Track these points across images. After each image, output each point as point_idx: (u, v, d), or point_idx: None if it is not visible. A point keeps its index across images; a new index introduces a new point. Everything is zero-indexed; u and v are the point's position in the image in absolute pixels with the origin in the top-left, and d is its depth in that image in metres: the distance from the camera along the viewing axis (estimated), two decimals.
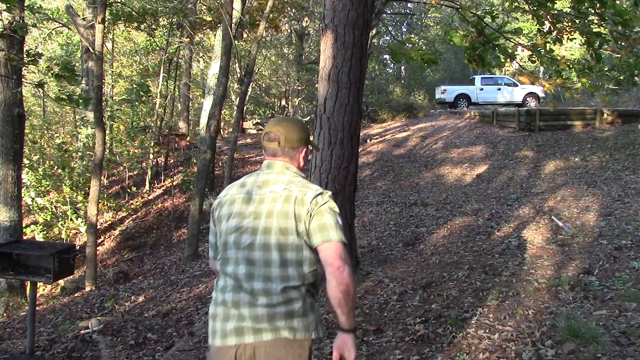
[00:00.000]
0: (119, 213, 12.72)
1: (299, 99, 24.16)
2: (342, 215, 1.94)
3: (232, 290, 1.71)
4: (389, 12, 20.93)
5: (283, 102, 25.43)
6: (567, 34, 6.03)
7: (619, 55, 5.62)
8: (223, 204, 1.81)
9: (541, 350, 3.04)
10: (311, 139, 2.07)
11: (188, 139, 17.28)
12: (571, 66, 5.90)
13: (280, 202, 1.70)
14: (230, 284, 1.72)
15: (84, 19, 11.75)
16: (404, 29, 32.70)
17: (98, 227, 10.11)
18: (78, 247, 10.03)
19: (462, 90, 20.09)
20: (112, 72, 18.44)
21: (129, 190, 13.46)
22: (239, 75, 13.01)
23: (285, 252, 1.68)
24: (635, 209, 6.23)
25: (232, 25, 9.31)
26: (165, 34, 15.78)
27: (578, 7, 5.43)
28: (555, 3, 5.91)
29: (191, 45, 17.44)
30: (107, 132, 12.96)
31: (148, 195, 13.63)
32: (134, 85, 13.34)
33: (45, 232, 10.82)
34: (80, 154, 12.35)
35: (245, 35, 15.71)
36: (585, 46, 5.91)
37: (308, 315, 1.71)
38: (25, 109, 8.47)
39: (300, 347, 1.68)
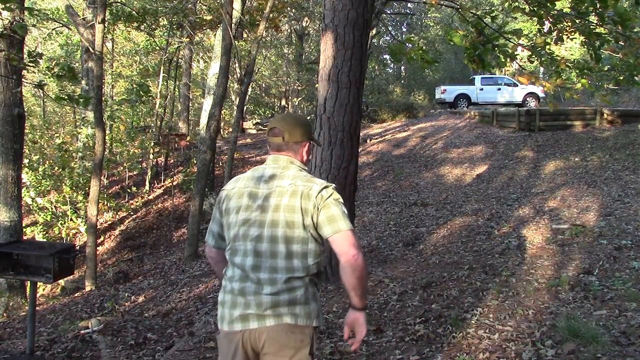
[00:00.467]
0: (119, 213, 12.73)
1: (299, 99, 24.18)
2: None
3: (239, 279, 1.79)
4: (389, 12, 20.93)
5: (283, 102, 25.42)
6: (567, 34, 6.02)
7: (619, 55, 5.62)
8: (231, 196, 1.89)
9: (541, 350, 3.04)
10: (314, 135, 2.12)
11: (188, 139, 17.28)
12: (571, 66, 5.90)
13: (287, 196, 1.78)
14: (237, 274, 1.81)
15: (84, 19, 11.75)
16: (404, 29, 32.69)
17: (98, 227, 10.11)
18: (78, 247, 10.02)
19: (462, 90, 20.08)
20: (112, 72, 18.43)
21: (129, 190, 13.46)
22: (239, 75, 13.00)
23: (291, 244, 1.77)
24: (635, 209, 6.23)
25: (232, 25, 9.31)
26: (165, 34, 15.78)
27: (578, 7, 5.43)
28: (555, 4, 5.91)
29: (191, 45, 17.43)
30: (107, 132, 12.96)
31: (148, 195, 13.63)
32: (134, 85, 13.35)
33: (45, 232, 10.82)
34: (80, 154, 12.35)
35: (245, 35, 15.72)
36: (585, 46, 5.91)
37: (310, 303, 1.79)
38: (25, 109, 8.46)
39: (302, 332, 1.77)
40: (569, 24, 5.85)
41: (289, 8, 16.49)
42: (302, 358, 1.79)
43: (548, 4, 5.73)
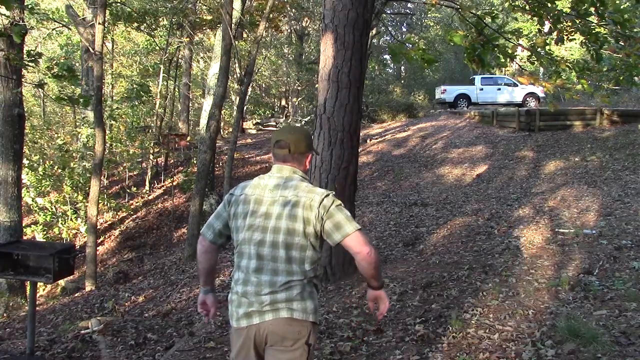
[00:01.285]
0: (119, 213, 12.72)
1: (299, 99, 24.16)
2: None
3: (242, 283, 1.99)
4: (389, 12, 20.92)
5: (283, 102, 25.42)
6: (567, 34, 6.02)
7: (619, 55, 5.61)
8: (239, 202, 2.05)
9: (541, 350, 3.04)
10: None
11: (188, 139, 17.28)
12: (571, 66, 5.89)
13: (289, 206, 1.95)
14: (242, 278, 2.00)
15: (84, 19, 11.75)
16: (404, 29, 32.70)
17: (98, 227, 10.11)
18: (78, 247, 10.02)
19: (462, 90, 20.06)
20: (112, 72, 18.43)
21: (129, 190, 13.46)
22: (239, 75, 13.00)
23: (290, 250, 1.94)
24: (635, 209, 6.23)
25: (232, 25, 9.31)
26: (165, 34, 15.77)
27: (578, 7, 5.43)
28: (556, 4, 5.90)
29: (191, 45, 17.43)
30: (107, 132, 12.96)
31: (148, 196, 13.63)
32: (134, 86, 13.34)
33: (45, 232, 10.81)
34: (80, 154, 12.35)
35: (245, 35, 15.72)
36: (585, 46, 5.91)
37: (306, 300, 1.96)
38: (25, 109, 8.46)
39: (300, 325, 1.94)
40: (569, 24, 5.85)
41: (289, 8, 16.50)
42: (300, 347, 1.95)
43: (548, 4, 5.73)
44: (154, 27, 14.10)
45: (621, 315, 3.39)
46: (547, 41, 5.93)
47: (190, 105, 20.55)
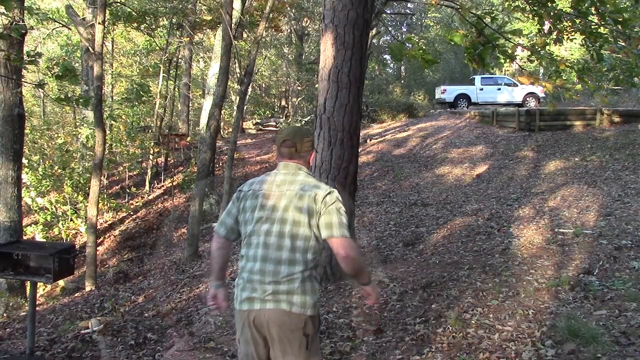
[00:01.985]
0: (119, 213, 12.72)
1: (299, 99, 24.16)
2: None
3: (248, 271, 2.13)
4: (389, 12, 20.92)
5: (283, 102, 25.41)
6: (567, 34, 6.02)
7: (619, 55, 5.62)
8: (247, 197, 2.22)
9: (541, 350, 3.04)
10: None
11: (188, 139, 17.29)
12: (571, 67, 5.89)
13: (295, 199, 2.11)
14: (248, 266, 2.14)
15: (84, 19, 11.75)
16: (404, 29, 32.70)
17: (98, 227, 10.10)
18: (78, 247, 10.02)
19: (462, 90, 20.05)
20: (112, 72, 18.43)
21: (129, 190, 13.46)
22: (239, 75, 13.00)
23: (295, 240, 2.09)
24: (635, 209, 6.23)
25: (232, 25, 9.31)
26: (165, 34, 15.78)
27: (578, 7, 5.43)
28: (556, 3, 5.90)
29: (191, 45, 17.43)
30: (107, 132, 12.94)
31: (148, 196, 13.63)
32: (134, 85, 13.32)
33: (45, 232, 10.81)
34: (80, 154, 12.34)
35: (245, 35, 15.72)
36: (585, 46, 5.91)
37: (306, 295, 2.08)
38: (25, 109, 8.46)
39: (297, 318, 2.07)
40: (569, 24, 5.85)
41: (289, 8, 16.50)
42: (297, 337, 2.07)
43: (548, 4, 5.73)
44: (153, 27, 14.11)
45: (621, 315, 3.39)
46: (547, 41, 5.93)
47: (190, 105, 20.55)
